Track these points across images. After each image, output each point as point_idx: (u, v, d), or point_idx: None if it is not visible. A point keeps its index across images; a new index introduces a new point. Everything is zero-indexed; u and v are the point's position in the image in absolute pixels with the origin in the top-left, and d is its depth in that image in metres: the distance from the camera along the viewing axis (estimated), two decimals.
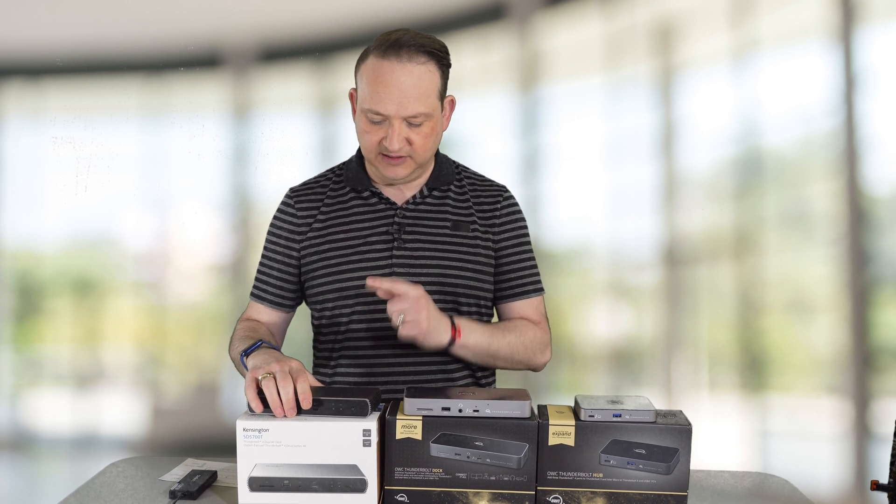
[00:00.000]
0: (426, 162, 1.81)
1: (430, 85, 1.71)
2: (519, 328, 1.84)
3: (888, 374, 3.43)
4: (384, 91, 1.69)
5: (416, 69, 1.70)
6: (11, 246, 3.67)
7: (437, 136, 1.79)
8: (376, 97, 1.69)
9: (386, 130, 1.71)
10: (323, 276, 1.83)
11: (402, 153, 1.73)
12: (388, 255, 1.81)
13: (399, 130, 1.70)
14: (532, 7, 3.57)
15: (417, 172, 1.81)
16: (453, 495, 1.50)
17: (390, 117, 1.70)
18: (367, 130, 1.74)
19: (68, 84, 3.61)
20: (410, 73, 1.69)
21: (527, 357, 1.85)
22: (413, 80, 1.69)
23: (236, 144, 3.59)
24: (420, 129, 1.72)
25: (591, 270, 3.67)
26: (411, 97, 1.69)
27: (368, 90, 1.71)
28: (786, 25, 3.50)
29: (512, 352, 1.82)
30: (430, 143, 1.76)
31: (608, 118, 3.59)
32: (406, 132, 1.71)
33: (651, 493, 1.50)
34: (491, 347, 1.78)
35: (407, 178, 1.81)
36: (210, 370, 3.75)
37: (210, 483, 1.65)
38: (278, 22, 3.59)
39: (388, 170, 1.76)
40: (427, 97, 1.71)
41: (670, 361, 3.57)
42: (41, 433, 3.74)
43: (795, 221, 3.56)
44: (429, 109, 1.72)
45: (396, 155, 1.73)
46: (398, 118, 1.70)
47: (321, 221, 1.86)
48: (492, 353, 1.79)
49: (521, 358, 1.84)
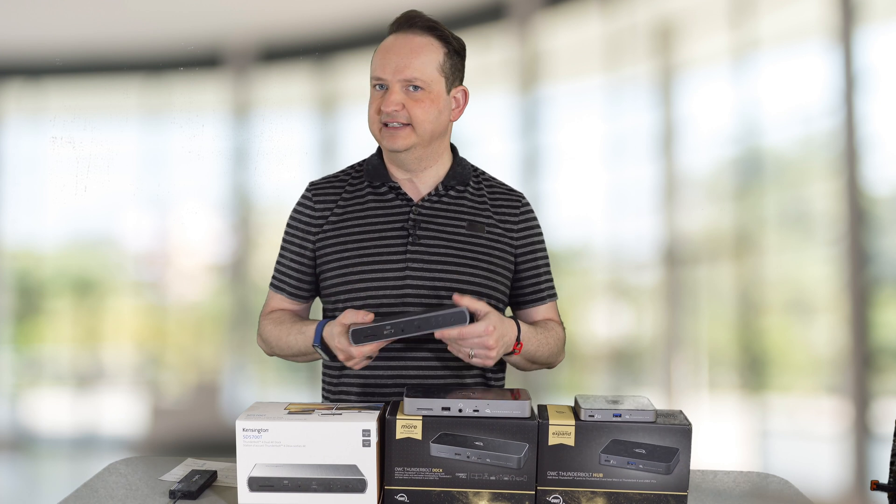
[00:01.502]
0: (431, 140, 1.82)
1: (428, 56, 1.79)
2: (550, 330, 1.86)
3: (888, 374, 3.43)
4: (385, 57, 1.79)
5: (416, 39, 1.80)
6: (11, 246, 3.67)
7: (440, 113, 1.81)
8: (378, 65, 1.80)
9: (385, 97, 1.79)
10: (337, 269, 1.84)
11: (401, 119, 1.77)
12: (403, 250, 1.82)
13: (395, 93, 1.77)
14: (532, 7, 3.57)
15: (420, 151, 1.82)
16: (453, 495, 1.50)
17: (387, 81, 1.78)
18: (371, 101, 1.82)
19: (68, 84, 3.61)
20: (410, 41, 1.80)
21: (553, 358, 1.87)
22: (411, 47, 1.79)
23: (236, 144, 3.59)
24: (418, 99, 1.78)
25: (591, 270, 3.67)
26: (407, 62, 1.77)
27: (374, 62, 1.81)
28: (786, 25, 3.50)
29: (549, 354, 1.85)
30: (431, 116, 1.80)
31: (608, 118, 3.59)
32: (403, 97, 1.77)
33: (651, 493, 1.50)
34: (535, 354, 1.81)
35: (409, 152, 1.81)
36: (210, 370, 3.75)
37: (210, 483, 1.65)
38: (278, 22, 3.59)
39: (389, 140, 1.80)
40: (424, 66, 1.78)
41: (670, 361, 3.57)
42: (41, 433, 3.74)
43: (795, 221, 3.56)
44: (425, 77, 1.78)
45: (395, 122, 1.77)
46: (395, 81, 1.77)
47: (337, 215, 1.87)
48: (534, 359, 1.82)
49: (547, 360, 1.86)
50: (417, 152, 1.82)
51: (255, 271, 3.60)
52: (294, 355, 1.86)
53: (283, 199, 3.46)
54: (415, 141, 1.79)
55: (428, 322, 1.59)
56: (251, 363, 3.63)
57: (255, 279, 3.58)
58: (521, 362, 1.82)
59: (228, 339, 3.74)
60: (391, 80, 1.77)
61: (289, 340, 1.84)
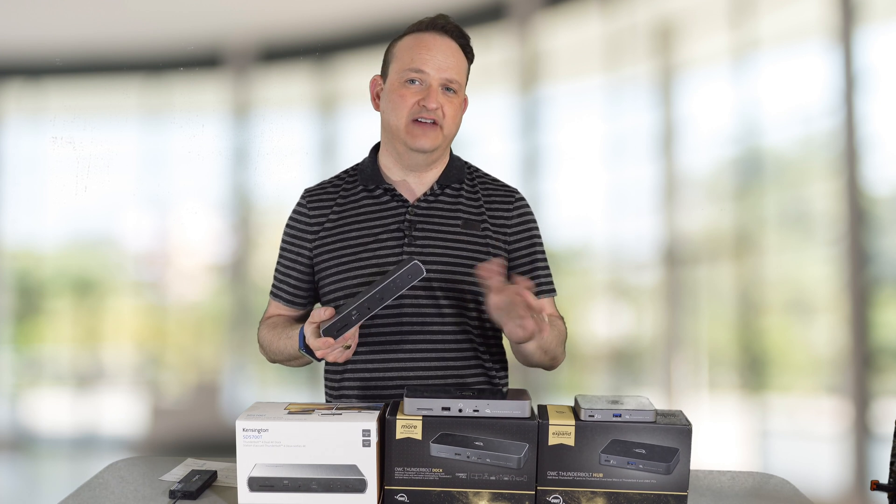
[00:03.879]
0: (448, 142, 1.84)
1: (461, 63, 1.83)
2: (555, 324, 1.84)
3: (888, 374, 3.43)
4: (427, 53, 1.79)
5: (453, 45, 1.83)
6: (11, 246, 3.67)
7: (461, 118, 1.85)
8: (419, 58, 1.79)
9: (423, 92, 1.79)
10: (335, 273, 1.84)
11: (436, 117, 1.78)
12: (400, 251, 1.82)
13: (437, 91, 1.79)
14: (532, 7, 3.57)
15: (440, 152, 1.83)
16: (453, 495, 1.50)
17: (429, 77, 1.78)
18: (403, 94, 1.80)
19: (68, 84, 3.61)
20: (449, 46, 1.82)
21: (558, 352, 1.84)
22: (451, 51, 1.82)
23: (236, 144, 3.59)
24: (452, 100, 1.80)
25: (591, 270, 3.67)
26: (449, 63, 1.80)
27: (409, 56, 1.80)
28: (786, 25, 3.50)
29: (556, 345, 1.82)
30: (458, 120, 1.84)
31: (608, 118, 3.58)
32: (441, 98, 1.79)
33: (651, 493, 1.50)
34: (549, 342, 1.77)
35: (432, 153, 1.82)
36: (210, 370, 3.75)
37: (210, 483, 1.65)
38: (278, 22, 3.59)
39: (419, 137, 1.79)
40: (460, 72, 1.82)
41: (670, 361, 3.57)
42: (41, 433, 3.73)
43: (795, 221, 3.56)
44: (461, 80, 1.82)
45: (430, 119, 1.78)
46: (437, 79, 1.78)
47: (333, 221, 1.87)
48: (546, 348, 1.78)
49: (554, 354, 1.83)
50: (437, 153, 1.84)
51: (255, 271, 3.60)
52: (288, 360, 1.86)
53: (283, 199, 3.46)
54: (440, 142, 1.81)
55: (388, 289, 1.57)
56: (251, 363, 3.62)
57: (255, 279, 3.58)
58: (535, 351, 1.76)
59: (228, 339, 3.74)
60: (434, 76, 1.78)
61: (280, 346, 1.84)
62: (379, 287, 1.57)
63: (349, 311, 1.58)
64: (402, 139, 1.81)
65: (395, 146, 1.84)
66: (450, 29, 1.83)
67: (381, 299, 1.58)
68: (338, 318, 1.59)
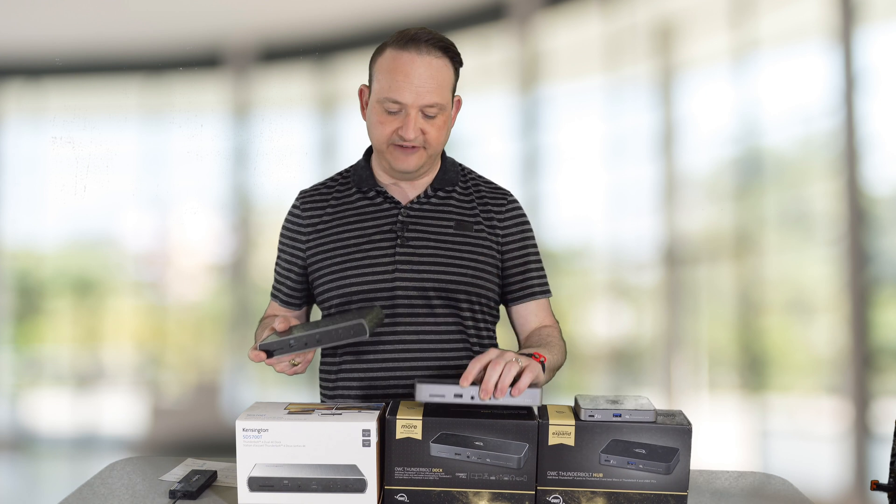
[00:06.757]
0: (436, 156, 1.83)
1: (445, 78, 1.76)
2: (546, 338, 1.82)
3: (888, 374, 3.43)
4: (403, 80, 1.73)
5: (434, 61, 1.75)
6: (11, 246, 3.67)
7: (448, 131, 1.82)
8: (395, 86, 1.73)
9: (401, 121, 1.75)
10: (327, 274, 1.84)
11: (416, 143, 1.76)
12: (392, 252, 1.82)
13: (415, 119, 1.74)
14: (532, 7, 3.57)
15: (426, 167, 1.83)
16: (453, 495, 1.50)
17: (407, 106, 1.73)
18: (382, 121, 1.76)
19: (68, 84, 3.61)
20: (429, 65, 1.74)
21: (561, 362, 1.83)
22: (431, 72, 1.74)
23: (236, 144, 3.59)
24: (434, 121, 1.76)
25: (591, 270, 3.67)
26: (428, 87, 1.73)
27: (386, 80, 1.75)
28: (786, 25, 3.50)
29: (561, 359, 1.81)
30: (443, 137, 1.79)
31: (608, 118, 3.59)
32: (421, 123, 1.75)
33: (651, 493, 1.50)
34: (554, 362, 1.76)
35: (417, 171, 1.82)
36: (210, 370, 3.75)
37: (210, 483, 1.65)
38: (278, 22, 3.59)
39: (400, 161, 1.78)
40: (442, 89, 1.75)
41: (670, 361, 3.57)
42: (41, 433, 3.74)
43: (795, 221, 3.56)
44: (443, 101, 1.76)
45: (410, 145, 1.75)
46: (415, 107, 1.73)
47: (326, 222, 1.87)
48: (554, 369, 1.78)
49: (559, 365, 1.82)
50: (423, 169, 1.83)
51: (255, 271, 3.60)
52: None
53: (283, 199, 3.43)
54: (424, 160, 1.79)
55: (328, 335, 1.56)
56: (251, 363, 3.62)
57: (255, 279, 3.58)
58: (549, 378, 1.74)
59: (228, 339, 3.74)
60: (412, 104, 1.73)
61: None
62: (320, 330, 1.56)
63: (289, 338, 1.57)
64: (386, 159, 1.81)
65: (381, 160, 1.84)
66: (429, 41, 1.74)
67: (318, 341, 1.57)
68: (276, 340, 1.58)
